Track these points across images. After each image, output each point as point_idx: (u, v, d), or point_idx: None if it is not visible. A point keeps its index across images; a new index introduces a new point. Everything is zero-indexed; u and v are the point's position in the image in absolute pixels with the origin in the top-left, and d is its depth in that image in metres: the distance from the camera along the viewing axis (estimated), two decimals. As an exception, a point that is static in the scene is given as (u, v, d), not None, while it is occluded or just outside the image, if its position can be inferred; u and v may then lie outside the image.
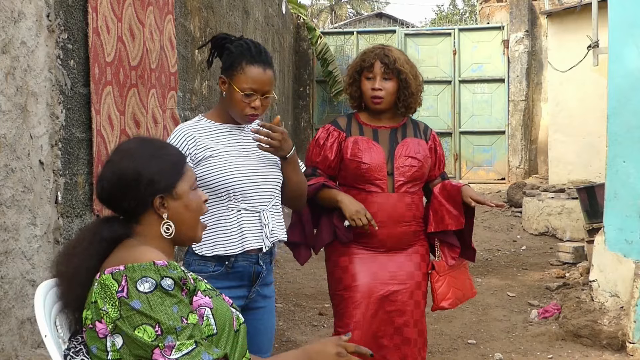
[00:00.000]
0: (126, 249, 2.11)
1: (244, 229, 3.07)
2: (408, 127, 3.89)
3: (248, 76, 3.02)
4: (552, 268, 8.43)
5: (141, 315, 1.97)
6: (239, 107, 3.06)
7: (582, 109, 11.68)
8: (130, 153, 2.20)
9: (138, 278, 2.00)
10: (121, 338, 1.99)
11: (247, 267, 3.09)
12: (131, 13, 4.86)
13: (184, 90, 6.38)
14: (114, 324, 1.99)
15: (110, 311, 1.99)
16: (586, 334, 5.65)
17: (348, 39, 16.27)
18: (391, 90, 3.76)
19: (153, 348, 1.96)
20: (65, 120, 3.99)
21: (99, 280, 2.04)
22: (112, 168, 2.18)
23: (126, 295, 1.98)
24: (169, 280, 2.03)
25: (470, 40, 15.36)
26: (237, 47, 3.09)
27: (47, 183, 3.78)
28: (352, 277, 3.74)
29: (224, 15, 8.18)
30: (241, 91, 3.02)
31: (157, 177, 2.18)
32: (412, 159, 3.77)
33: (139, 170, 2.16)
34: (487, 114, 15.19)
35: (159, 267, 2.04)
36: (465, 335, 6.06)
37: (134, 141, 2.34)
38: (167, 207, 2.21)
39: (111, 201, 2.19)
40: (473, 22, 21.33)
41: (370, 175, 3.73)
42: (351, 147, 3.77)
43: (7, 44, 3.40)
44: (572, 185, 11.04)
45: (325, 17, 37.08)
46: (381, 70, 3.74)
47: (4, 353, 3.37)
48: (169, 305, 2.00)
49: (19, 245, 3.51)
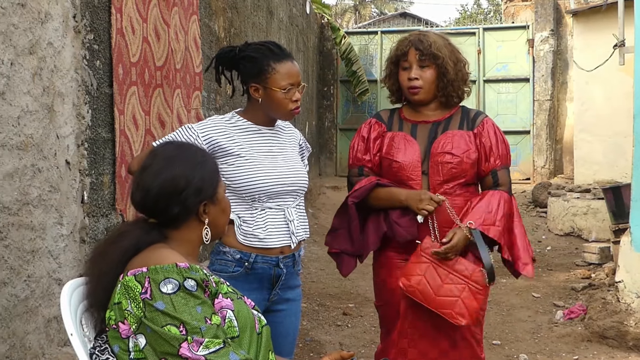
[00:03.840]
0: (150, 252, 2.12)
1: (268, 226, 3.07)
2: (454, 119, 3.47)
3: (282, 73, 3.03)
4: (577, 269, 8.37)
5: (165, 316, 1.98)
6: (283, 105, 3.07)
7: (608, 108, 11.59)
8: (173, 160, 2.21)
9: (161, 279, 2.01)
10: (144, 338, 2.00)
11: (266, 269, 3.08)
12: (156, 14, 4.88)
13: (209, 90, 6.40)
14: (138, 323, 2.00)
15: (135, 311, 2.01)
16: (612, 335, 5.60)
17: (372, 39, 16.26)
18: (430, 79, 3.39)
19: (181, 342, 1.97)
20: (91, 120, 4.02)
21: (122, 282, 2.06)
22: (158, 175, 2.18)
23: (150, 297, 2.00)
24: (191, 281, 2.04)
25: (494, 39, 15.30)
26: (256, 52, 3.08)
27: (73, 183, 3.81)
28: (391, 292, 3.47)
29: (248, 15, 8.20)
30: (281, 89, 3.03)
31: (204, 184, 2.21)
32: (448, 154, 3.36)
33: (187, 177, 2.18)
34: (512, 114, 15.12)
35: (182, 268, 2.05)
36: (490, 336, 6.03)
37: (172, 147, 2.34)
38: (208, 213, 2.24)
39: (155, 208, 2.19)
40: (497, 22, 21.22)
41: (402, 175, 3.40)
42: (387, 144, 3.47)
43: (34, 45, 3.43)
44: (598, 185, 10.95)
45: (349, 17, 37.04)
46: (416, 57, 3.39)
47: (31, 351, 3.40)
48: (193, 306, 2.01)
49: (46, 244, 3.54)
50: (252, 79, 3.08)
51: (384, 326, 3.61)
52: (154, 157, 2.25)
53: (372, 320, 6.27)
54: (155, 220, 2.21)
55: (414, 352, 3.41)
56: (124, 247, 2.13)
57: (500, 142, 3.46)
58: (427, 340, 3.40)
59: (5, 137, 3.19)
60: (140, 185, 2.19)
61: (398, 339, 3.43)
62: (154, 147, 2.33)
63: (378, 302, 3.62)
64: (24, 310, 3.36)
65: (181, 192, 2.16)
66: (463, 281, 3.26)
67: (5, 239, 3.19)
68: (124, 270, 2.09)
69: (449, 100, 3.46)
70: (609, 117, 11.56)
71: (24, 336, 3.36)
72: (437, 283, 3.26)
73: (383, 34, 16.31)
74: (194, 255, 2.26)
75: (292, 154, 3.18)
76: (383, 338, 3.60)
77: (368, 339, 5.83)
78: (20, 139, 3.30)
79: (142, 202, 2.20)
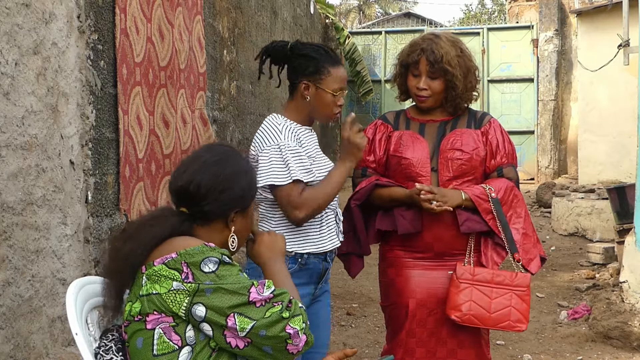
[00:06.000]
0: (171, 241, 2.14)
1: (331, 227, 3.20)
2: (462, 119, 3.50)
3: (336, 77, 3.14)
4: (581, 269, 8.36)
5: (216, 291, 2.03)
6: (329, 108, 3.18)
7: (613, 108, 11.57)
8: (226, 160, 2.27)
9: (200, 260, 2.05)
10: (203, 305, 2.03)
11: (317, 264, 3.14)
12: (160, 14, 4.89)
13: (213, 91, 6.40)
14: (194, 292, 2.03)
15: (188, 286, 2.03)
16: (616, 336, 5.59)
17: (376, 39, 16.26)
18: (438, 90, 3.40)
19: (249, 287, 2.05)
20: (96, 121, 4.03)
21: (149, 273, 2.07)
22: (208, 168, 2.22)
23: (193, 280, 2.03)
24: (226, 257, 2.10)
25: (499, 39, 15.28)
26: (315, 52, 3.16)
27: (77, 183, 3.81)
28: (399, 292, 3.45)
29: (252, 15, 8.20)
30: (333, 92, 3.14)
31: (244, 194, 2.28)
32: (458, 151, 3.39)
33: (233, 181, 2.23)
34: (516, 114, 15.10)
35: (213, 247, 2.10)
36: (494, 336, 6.02)
37: (227, 149, 2.38)
38: (235, 222, 2.27)
39: (193, 197, 2.21)
40: (502, 22, 21.20)
41: (411, 172, 3.40)
42: (395, 142, 3.47)
43: (39, 45, 3.43)
44: (602, 185, 10.94)
45: (354, 17, 37.01)
46: (427, 67, 3.38)
47: (35, 351, 3.41)
48: (236, 273, 2.08)
49: (50, 244, 3.55)
50: (306, 76, 3.14)
51: (390, 326, 3.59)
52: (210, 150, 2.32)
53: (375, 321, 6.26)
54: (186, 209, 2.24)
55: (422, 351, 3.41)
56: (157, 233, 2.15)
57: (506, 141, 3.50)
58: (435, 340, 3.41)
59: (10, 137, 3.20)
60: (187, 171, 2.23)
61: (406, 339, 3.42)
62: (211, 143, 2.40)
63: (384, 302, 3.60)
64: (28, 310, 3.36)
65: (222, 191, 2.20)
66: (508, 289, 3.32)
67: (9, 238, 3.20)
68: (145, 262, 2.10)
69: (457, 108, 3.49)
70: (613, 117, 11.55)
71: (28, 336, 3.36)
72: (486, 302, 3.30)
73: (387, 34, 16.32)
74: None
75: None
76: (389, 338, 3.59)
77: (372, 339, 5.83)
78: (24, 139, 3.31)
79: (183, 187, 2.22)
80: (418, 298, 3.39)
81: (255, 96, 8.31)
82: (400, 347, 3.44)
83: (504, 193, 3.40)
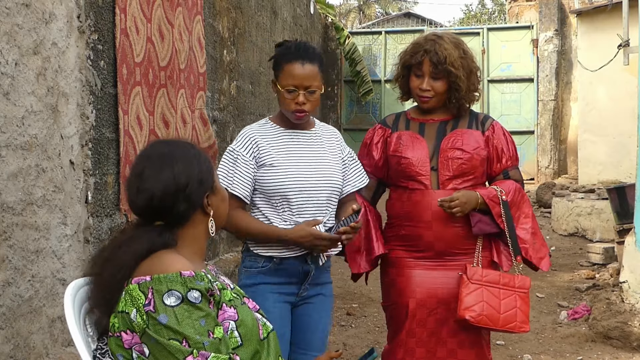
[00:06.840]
0: (155, 258, 2.08)
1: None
2: (462, 119, 3.51)
3: (287, 73, 3.08)
4: (581, 269, 8.36)
5: (168, 330, 1.95)
6: (285, 105, 3.11)
7: (613, 108, 11.58)
8: (169, 158, 2.17)
9: (165, 291, 1.98)
10: (147, 348, 1.97)
11: (295, 264, 3.11)
12: (160, 14, 4.89)
13: (213, 91, 6.40)
14: (142, 333, 1.98)
15: (139, 321, 1.98)
16: (616, 336, 5.59)
17: (376, 39, 16.24)
18: (440, 90, 3.41)
19: (187, 355, 1.94)
20: (96, 121, 4.03)
21: (127, 290, 2.03)
22: (158, 177, 2.13)
23: (153, 309, 1.97)
24: (195, 292, 2.01)
25: (499, 39, 15.27)
26: (280, 49, 3.17)
27: (77, 183, 3.81)
28: (400, 292, 3.47)
29: (252, 15, 8.20)
30: (282, 88, 3.08)
31: (204, 176, 2.21)
32: (459, 151, 3.39)
33: (188, 172, 2.16)
34: (516, 114, 15.09)
35: (186, 278, 2.02)
36: (494, 336, 6.00)
37: (162, 145, 2.30)
38: (211, 204, 2.23)
39: (162, 209, 2.14)
40: (502, 22, 21.20)
41: (411, 171, 3.40)
42: (394, 143, 3.48)
43: (39, 45, 3.43)
44: (602, 185, 10.94)
45: (354, 17, 36.99)
46: (430, 69, 3.39)
47: (35, 351, 3.41)
48: (196, 318, 1.99)
49: (50, 244, 3.55)
50: (274, 75, 3.17)
51: (391, 326, 3.60)
52: (147, 159, 2.20)
53: (375, 321, 6.26)
54: (161, 221, 2.17)
55: (422, 351, 3.42)
56: (136, 251, 2.08)
57: (510, 143, 3.57)
58: (435, 340, 3.41)
59: (10, 137, 3.20)
60: (141, 190, 2.14)
61: (406, 339, 3.43)
62: (142, 151, 2.30)
63: (385, 303, 3.61)
64: (28, 310, 3.36)
65: (185, 188, 2.14)
66: (512, 291, 3.36)
67: (9, 239, 3.20)
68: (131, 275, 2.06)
69: (460, 109, 3.50)
70: (613, 117, 11.55)
71: (28, 336, 3.36)
72: (497, 302, 3.34)
73: (387, 34, 16.29)
74: (202, 252, 2.26)
75: (324, 157, 3.21)
76: (390, 338, 3.60)
77: (372, 339, 5.83)
78: (24, 139, 3.31)
79: (147, 206, 2.14)
80: (418, 298, 3.40)
81: (255, 96, 8.31)
82: (401, 347, 3.45)
83: (513, 195, 3.44)
